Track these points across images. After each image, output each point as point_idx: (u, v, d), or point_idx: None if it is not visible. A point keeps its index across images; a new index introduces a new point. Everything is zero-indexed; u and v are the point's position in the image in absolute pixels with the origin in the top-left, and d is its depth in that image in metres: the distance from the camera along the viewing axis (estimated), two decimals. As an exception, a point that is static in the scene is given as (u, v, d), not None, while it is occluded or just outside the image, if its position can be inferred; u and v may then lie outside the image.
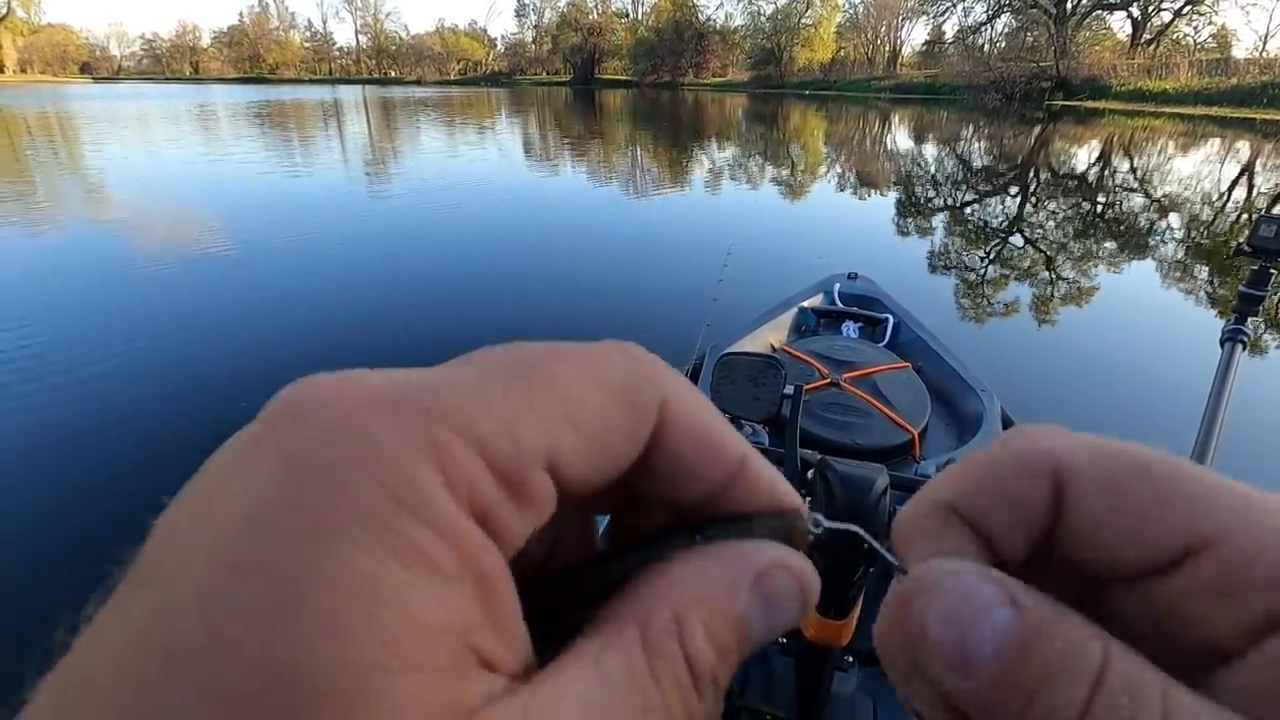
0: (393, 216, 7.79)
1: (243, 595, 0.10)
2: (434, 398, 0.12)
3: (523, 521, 0.13)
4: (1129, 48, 39.12)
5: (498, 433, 0.13)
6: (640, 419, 0.15)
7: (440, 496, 0.12)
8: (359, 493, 0.11)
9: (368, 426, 0.12)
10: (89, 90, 55.47)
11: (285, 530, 0.11)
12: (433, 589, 0.11)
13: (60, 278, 5.08)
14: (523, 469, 0.13)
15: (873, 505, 1.02)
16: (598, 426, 0.14)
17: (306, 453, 0.12)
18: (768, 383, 1.22)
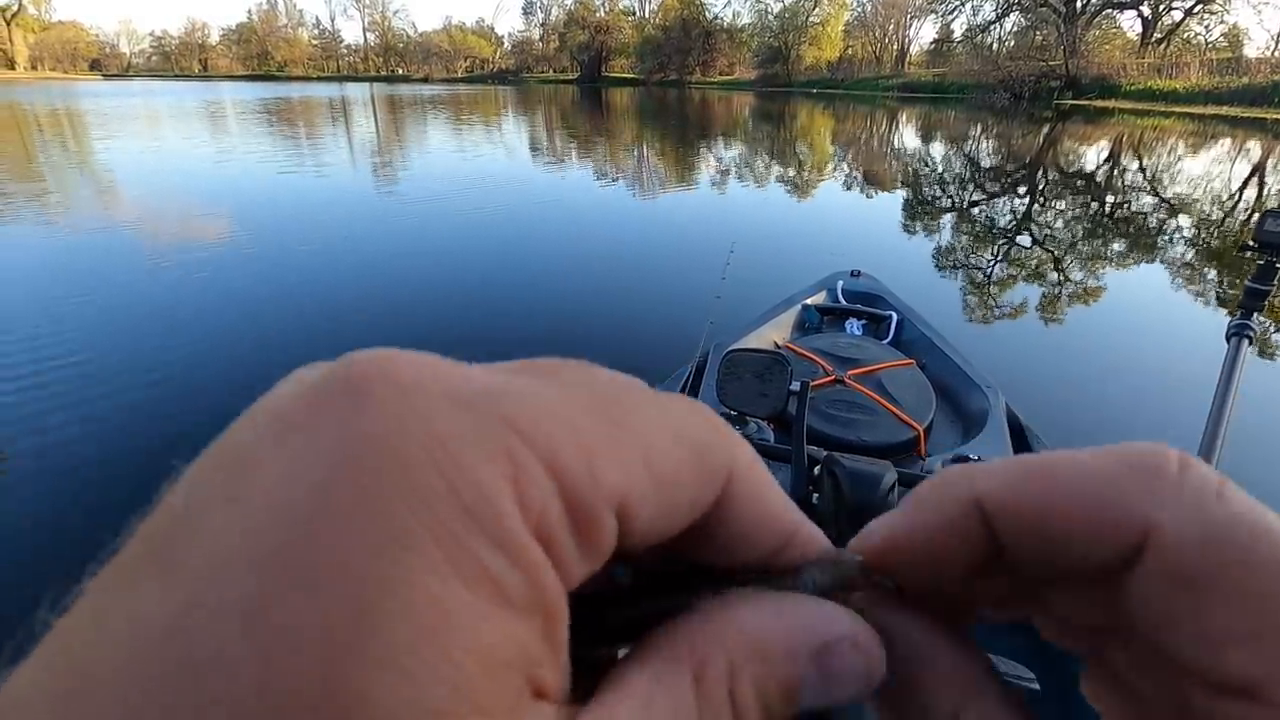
0: (401, 213, 7.81)
1: (297, 612, 0.09)
2: (515, 408, 0.11)
3: (583, 564, 0.12)
4: (1139, 47, 38.85)
5: (578, 463, 0.12)
6: (709, 482, 0.14)
7: (514, 517, 0.11)
8: (433, 499, 0.10)
9: (444, 423, 0.11)
10: (99, 87, 55.73)
11: (348, 534, 0.09)
12: (503, 622, 0.10)
13: (75, 274, 5.11)
14: (597, 508, 0.12)
15: (881, 500, 1.02)
16: (671, 481, 0.13)
17: (373, 440, 0.10)
18: (774, 379, 1.22)
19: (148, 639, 0.09)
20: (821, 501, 1.06)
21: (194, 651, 0.09)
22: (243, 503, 0.10)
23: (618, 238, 6.91)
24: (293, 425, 0.10)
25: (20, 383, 3.30)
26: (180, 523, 0.10)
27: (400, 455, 0.10)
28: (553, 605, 0.11)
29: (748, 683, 0.13)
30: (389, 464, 0.10)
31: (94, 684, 0.09)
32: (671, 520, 0.14)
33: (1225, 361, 1.28)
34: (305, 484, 0.10)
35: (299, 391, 0.11)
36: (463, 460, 0.10)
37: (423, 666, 0.09)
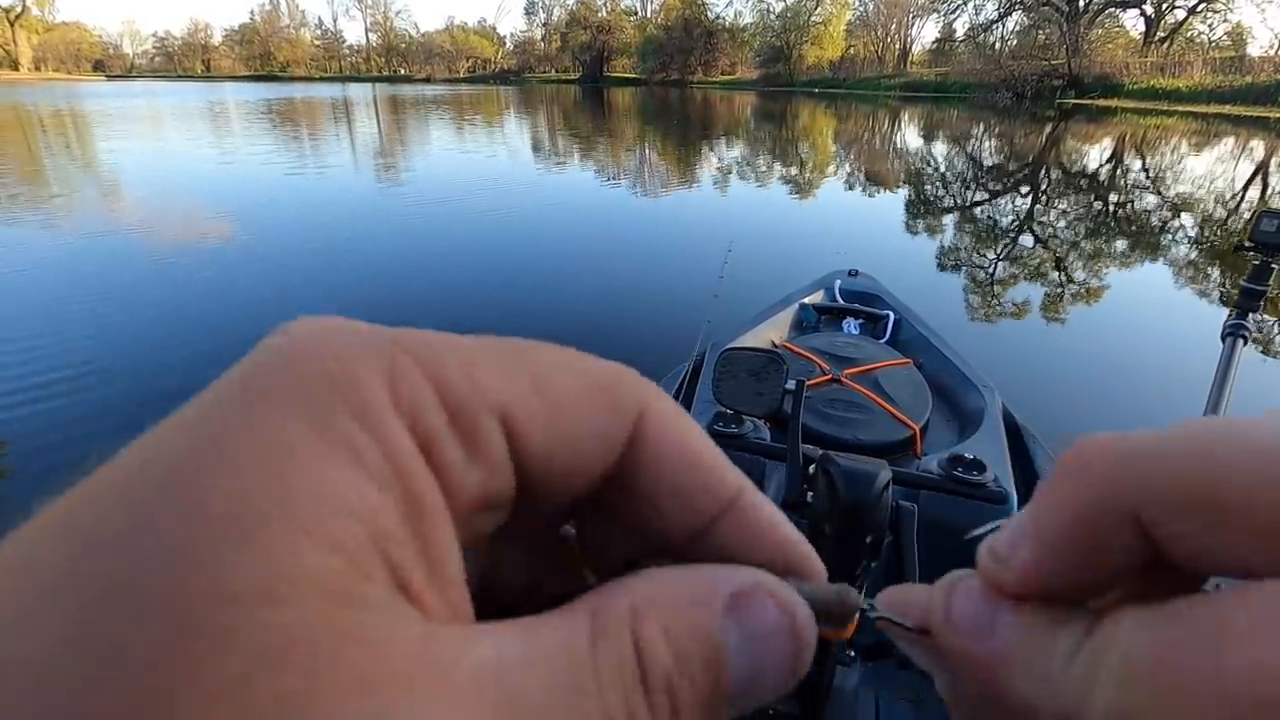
0: (401, 213, 7.82)
1: (164, 444, 0.10)
2: (403, 332, 0.13)
3: (471, 471, 0.12)
4: (1142, 45, 38.79)
5: (455, 370, 0.12)
6: (614, 416, 0.14)
7: (382, 404, 0.11)
8: (303, 376, 0.11)
9: (334, 339, 0.12)
10: (103, 88, 55.91)
11: (223, 398, 0.11)
12: (351, 476, 0.11)
13: (82, 275, 5.13)
14: (474, 409, 0.12)
15: (875, 499, 1.02)
16: (565, 405, 0.13)
17: (271, 351, 0.12)
18: (769, 378, 1.22)
19: (46, 538, 0.10)
20: (816, 500, 1.06)
21: (83, 535, 0.09)
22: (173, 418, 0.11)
23: (616, 236, 6.92)
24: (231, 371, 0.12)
25: (25, 381, 3.32)
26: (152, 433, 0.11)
27: (289, 357, 0.11)
28: (418, 490, 0.11)
29: (654, 626, 0.12)
30: (276, 360, 0.11)
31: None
32: (573, 448, 0.13)
33: (1220, 361, 1.28)
34: (215, 384, 0.11)
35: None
36: (341, 358, 0.11)
37: (262, 484, 0.10)
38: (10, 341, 3.76)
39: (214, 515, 0.09)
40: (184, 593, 0.09)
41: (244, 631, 0.09)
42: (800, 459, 1.12)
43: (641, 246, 6.52)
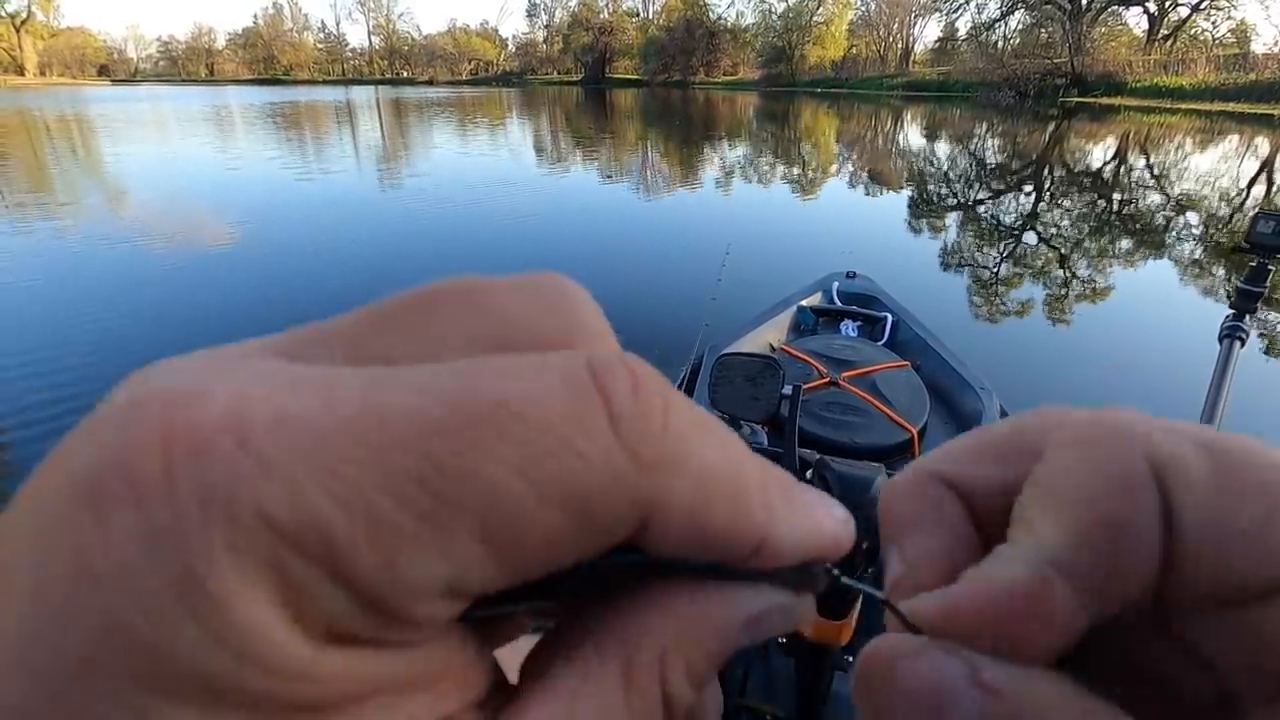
0: (402, 215, 7.87)
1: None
2: (284, 494, 0.09)
3: (417, 632, 0.10)
4: (1145, 43, 38.67)
5: (371, 564, 0.09)
6: (601, 541, 0.11)
7: (290, 645, 0.09)
8: (178, 646, 0.08)
9: (188, 544, 0.09)
10: (107, 92, 56.20)
11: (45, 670, 0.08)
12: None
13: (90, 278, 5.16)
14: (406, 607, 0.10)
15: (871, 504, 1.01)
16: (530, 548, 0.10)
17: (91, 529, 0.09)
18: (766, 383, 1.22)
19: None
20: None
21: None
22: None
23: (614, 238, 6.94)
24: (33, 494, 0.09)
25: (31, 383, 3.34)
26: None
27: (118, 557, 0.08)
28: (378, 686, 0.10)
29: (680, 667, 0.12)
30: (106, 571, 0.08)
31: None
32: (549, 567, 0.11)
33: (1218, 362, 1.27)
34: (24, 593, 0.09)
35: (68, 437, 0.10)
36: (217, 600, 0.08)
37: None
38: (18, 355, 3.79)
39: None
40: None
41: None
42: (797, 464, 1.12)
43: (639, 249, 6.53)
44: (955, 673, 0.12)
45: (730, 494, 0.12)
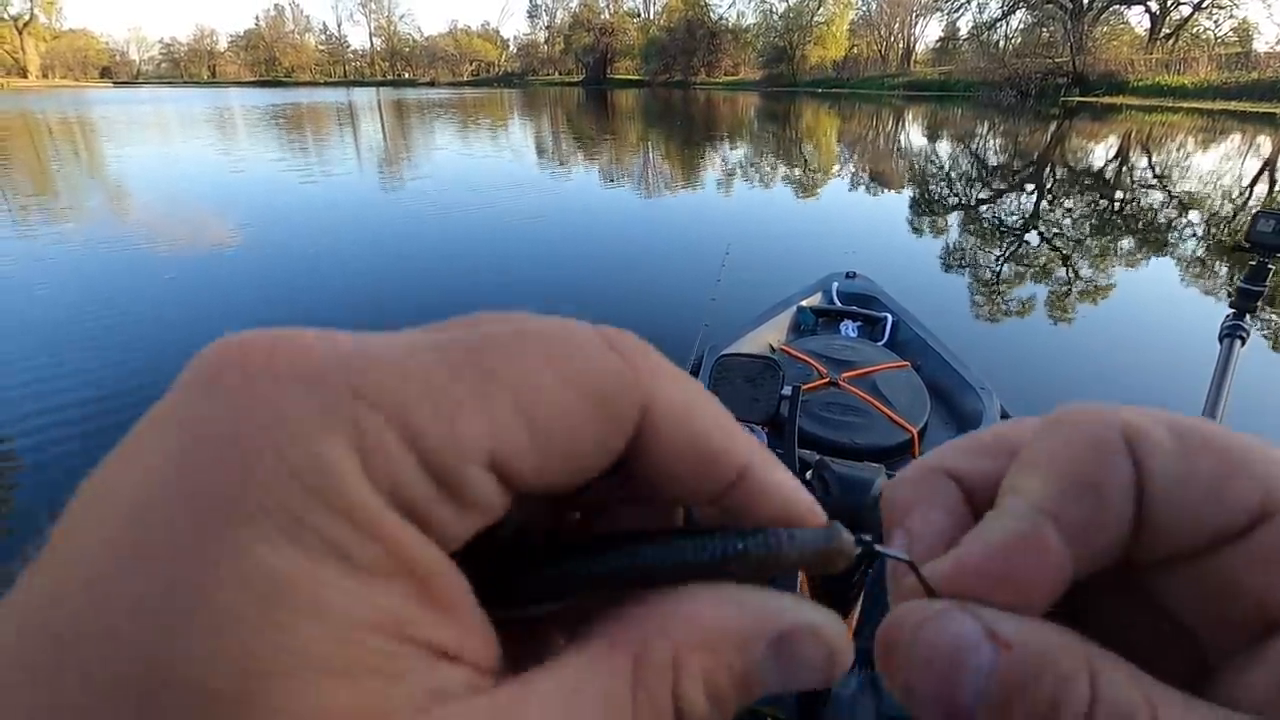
0: (406, 216, 7.87)
1: (135, 587, 0.10)
2: (366, 376, 0.11)
3: (463, 521, 0.12)
4: (1147, 42, 38.60)
5: (434, 422, 0.11)
6: (613, 428, 0.13)
7: (359, 488, 0.11)
8: (266, 477, 0.10)
9: (283, 401, 0.11)
10: (110, 95, 56.25)
11: (181, 517, 0.10)
12: (353, 586, 0.10)
13: (93, 288, 5.17)
14: (459, 468, 0.12)
15: (871, 505, 1.01)
16: (558, 429, 0.13)
17: (211, 427, 0.11)
18: (766, 383, 1.22)
19: (20, 625, 0.10)
20: None
21: (54, 629, 0.10)
22: (107, 501, 0.10)
23: (613, 239, 6.93)
24: (152, 426, 0.11)
25: (38, 387, 3.35)
26: (63, 527, 0.11)
27: (238, 441, 0.10)
28: (423, 567, 0.11)
29: (695, 674, 0.12)
30: (225, 449, 0.10)
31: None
32: (570, 468, 0.13)
33: (1218, 362, 1.27)
34: (154, 479, 0.10)
35: (169, 391, 0.12)
36: (303, 438, 0.10)
37: (251, 629, 0.09)
38: (26, 359, 3.80)
39: (219, 701, 0.09)
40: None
41: None
42: (797, 465, 1.12)
43: (639, 249, 6.52)
44: (971, 630, 0.13)
45: (711, 413, 0.15)
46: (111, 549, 0.10)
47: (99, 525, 0.10)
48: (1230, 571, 0.13)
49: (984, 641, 0.13)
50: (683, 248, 6.45)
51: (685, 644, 0.12)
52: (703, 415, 0.15)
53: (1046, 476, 0.14)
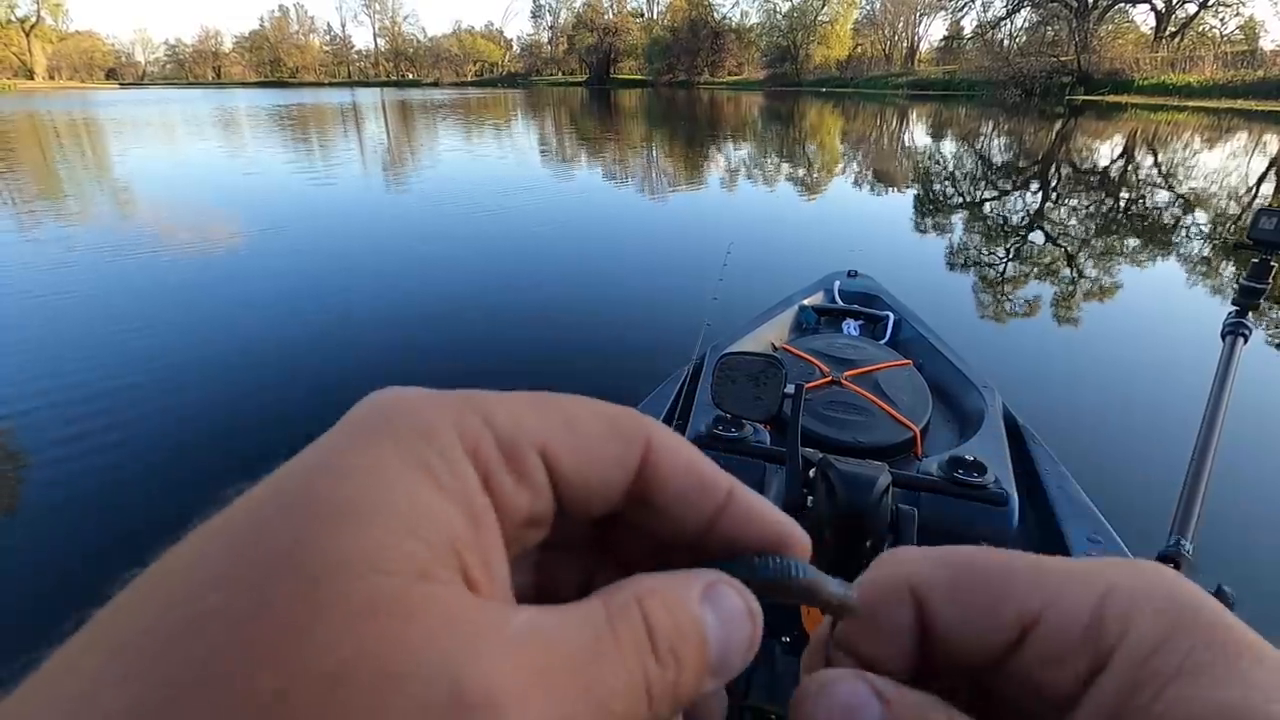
0: (407, 217, 7.90)
1: (297, 466, 0.14)
2: (469, 396, 0.17)
3: (518, 494, 0.16)
4: (1152, 41, 38.42)
5: (505, 416, 0.16)
6: (627, 445, 0.18)
7: (454, 443, 0.15)
8: (394, 421, 0.15)
9: (417, 399, 0.16)
10: (117, 96, 56.43)
11: (336, 438, 0.15)
12: (432, 493, 0.14)
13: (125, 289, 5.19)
14: (521, 445, 0.16)
15: (875, 503, 1.01)
16: (590, 437, 0.17)
17: (370, 406, 0.16)
18: (769, 382, 1.21)
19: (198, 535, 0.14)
20: (816, 504, 1.05)
21: (209, 526, 0.14)
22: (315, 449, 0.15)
23: (616, 238, 6.92)
24: (341, 424, 0.16)
25: (44, 382, 3.36)
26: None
27: (382, 411, 0.16)
28: (478, 506, 0.15)
29: (658, 606, 0.16)
30: (374, 415, 0.16)
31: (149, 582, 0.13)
32: (598, 471, 0.18)
33: (1220, 360, 1.26)
34: (325, 434, 0.16)
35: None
36: (421, 410, 0.16)
37: (374, 510, 0.13)
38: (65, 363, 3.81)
39: (335, 511, 0.13)
40: (313, 561, 0.12)
41: (356, 588, 0.12)
42: (800, 463, 1.12)
43: (641, 248, 6.53)
44: (862, 690, 0.17)
45: (696, 451, 0.19)
46: (279, 471, 0.15)
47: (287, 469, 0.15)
48: (1025, 670, 0.17)
49: (871, 699, 0.17)
50: (685, 247, 6.45)
51: (642, 590, 0.16)
52: (690, 450, 0.19)
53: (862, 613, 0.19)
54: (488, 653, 0.13)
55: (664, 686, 0.15)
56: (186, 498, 2.46)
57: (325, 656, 0.11)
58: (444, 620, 0.13)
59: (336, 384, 3.43)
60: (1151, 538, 1.06)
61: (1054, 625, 0.17)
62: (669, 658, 0.15)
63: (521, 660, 0.13)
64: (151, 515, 2.39)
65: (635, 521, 0.19)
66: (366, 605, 0.12)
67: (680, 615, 0.16)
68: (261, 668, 0.11)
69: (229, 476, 2.28)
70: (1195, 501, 1.06)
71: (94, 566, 2.14)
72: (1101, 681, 0.16)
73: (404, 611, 0.12)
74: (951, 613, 0.18)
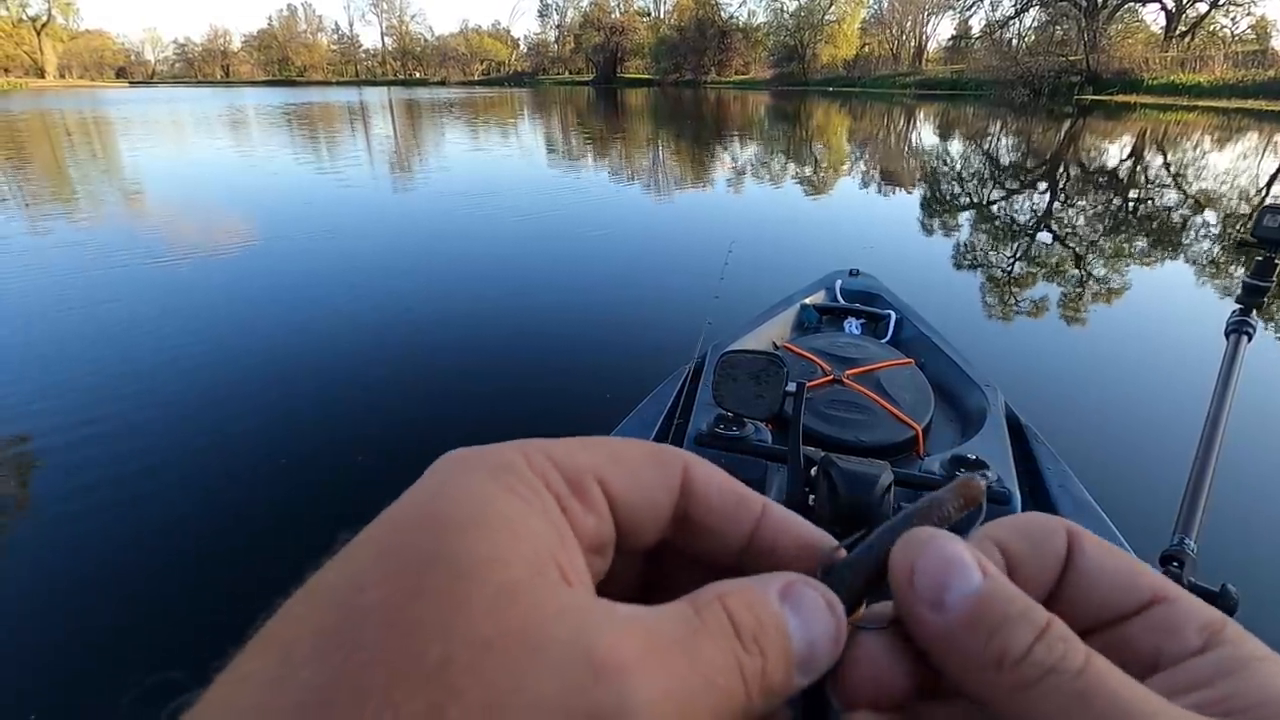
0: (412, 215, 7.93)
1: (417, 497, 0.18)
2: (530, 442, 0.20)
3: (586, 517, 0.19)
4: (1163, 40, 38.13)
5: (563, 453, 0.19)
6: (668, 471, 0.21)
7: (527, 471, 0.18)
8: (477, 461, 0.18)
9: (483, 448, 0.19)
10: (128, 94, 56.66)
11: (427, 480, 0.18)
12: (525, 511, 0.17)
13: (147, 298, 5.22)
14: (581, 476, 0.19)
15: (876, 502, 1.01)
16: (635, 468, 0.20)
17: (444, 460, 0.19)
18: (770, 380, 1.21)
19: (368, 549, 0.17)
20: (817, 503, 1.05)
21: (355, 546, 0.17)
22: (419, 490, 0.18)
23: (617, 236, 6.90)
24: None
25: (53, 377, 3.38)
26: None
27: (466, 457, 0.19)
28: (559, 524, 0.18)
29: (739, 602, 0.18)
30: (461, 459, 0.19)
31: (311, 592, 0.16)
32: (647, 497, 0.21)
33: (1224, 358, 1.25)
34: (435, 467, 0.19)
35: None
36: (501, 453, 0.19)
37: (488, 523, 0.16)
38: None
39: (458, 522, 0.16)
40: (452, 559, 0.15)
41: (490, 579, 0.15)
42: (801, 461, 1.11)
43: (643, 247, 6.51)
44: (968, 556, 0.19)
45: (726, 475, 0.22)
46: (397, 503, 0.18)
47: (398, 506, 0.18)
48: (1129, 638, 0.19)
49: (974, 569, 0.18)
50: (686, 245, 6.44)
51: (722, 591, 0.18)
52: (721, 473, 0.22)
53: (1000, 528, 0.21)
54: (610, 629, 0.15)
55: (754, 672, 0.17)
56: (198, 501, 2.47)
57: (477, 630, 0.14)
58: (563, 603, 0.15)
59: (343, 379, 3.45)
60: (1155, 537, 1.05)
61: (1179, 607, 0.19)
62: (754, 646, 0.17)
63: (636, 638, 0.15)
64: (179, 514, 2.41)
65: (682, 547, 0.21)
66: (504, 591, 0.15)
67: (760, 610, 0.18)
68: (427, 640, 0.14)
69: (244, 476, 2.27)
70: (1199, 500, 1.05)
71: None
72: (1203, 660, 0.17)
73: (530, 595, 0.15)
74: (1098, 567, 0.19)
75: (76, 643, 1.83)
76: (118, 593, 2.03)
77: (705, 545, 0.21)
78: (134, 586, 2.05)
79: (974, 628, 0.17)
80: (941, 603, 0.18)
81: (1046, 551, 0.20)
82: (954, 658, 0.18)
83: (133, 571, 2.11)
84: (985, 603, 0.18)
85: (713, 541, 0.21)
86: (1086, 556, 0.20)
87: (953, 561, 0.18)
